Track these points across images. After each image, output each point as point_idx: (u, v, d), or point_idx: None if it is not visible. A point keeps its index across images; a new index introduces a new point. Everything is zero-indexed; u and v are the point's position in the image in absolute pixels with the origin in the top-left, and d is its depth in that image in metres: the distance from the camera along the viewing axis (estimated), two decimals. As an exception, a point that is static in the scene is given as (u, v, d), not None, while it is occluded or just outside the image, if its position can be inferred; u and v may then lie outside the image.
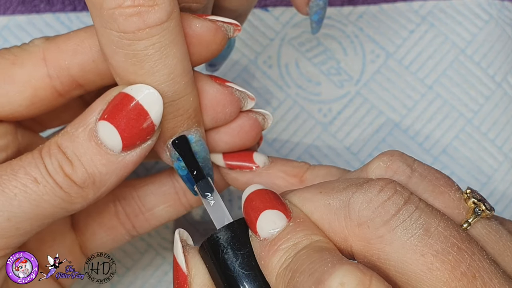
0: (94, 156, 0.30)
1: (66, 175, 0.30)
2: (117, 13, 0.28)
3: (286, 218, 0.29)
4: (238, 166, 0.35)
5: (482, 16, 0.47)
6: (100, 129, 0.29)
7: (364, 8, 0.48)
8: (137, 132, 0.29)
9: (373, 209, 0.28)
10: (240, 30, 0.32)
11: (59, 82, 0.32)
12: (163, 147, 0.32)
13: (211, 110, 0.32)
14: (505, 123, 0.46)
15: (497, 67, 0.47)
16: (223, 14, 0.36)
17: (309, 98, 0.46)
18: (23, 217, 0.30)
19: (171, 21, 0.28)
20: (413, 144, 0.45)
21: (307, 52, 0.47)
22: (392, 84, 0.46)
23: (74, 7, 0.46)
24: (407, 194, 0.28)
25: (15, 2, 0.46)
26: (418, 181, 0.30)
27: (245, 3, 0.36)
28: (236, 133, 0.34)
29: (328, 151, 0.45)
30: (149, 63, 0.29)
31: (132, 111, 0.29)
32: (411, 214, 0.27)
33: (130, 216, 0.37)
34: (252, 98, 0.34)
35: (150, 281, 0.43)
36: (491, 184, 0.45)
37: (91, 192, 0.30)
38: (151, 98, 0.29)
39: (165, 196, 0.37)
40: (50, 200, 0.30)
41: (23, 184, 0.29)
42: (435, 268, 0.26)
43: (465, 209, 0.30)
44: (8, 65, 0.32)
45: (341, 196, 0.29)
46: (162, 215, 0.37)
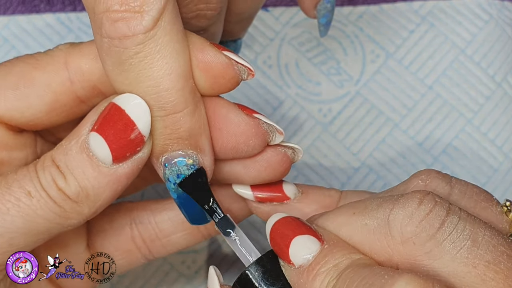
0: (86, 169, 0.29)
1: (59, 188, 0.29)
2: (104, 18, 0.27)
3: (319, 241, 0.28)
4: (268, 199, 0.33)
5: (482, 16, 0.47)
6: (91, 140, 0.29)
7: (364, 8, 0.48)
8: (125, 143, 0.28)
9: (416, 224, 0.26)
10: (254, 75, 0.31)
11: (80, 87, 0.32)
12: (157, 163, 0.30)
13: (233, 140, 0.31)
14: (505, 123, 0.46)
15: (497, 67, 0.46)
16: (231, 17, 0.35)
17: (309, 98, 0.46)
18: (17, 232, 0.29)
19: (157, 29, 0.27)
20: (413, 144, 0.45)
21: (307, 52, 0.47)
22: (392, 84, 0.46)
23: (74, 7, 0.46)
24: (447, 204, 0.27)
25: (15, 2, 0.46)
26: (458, 198, 0.29)
27: (252, 6, 0.36)
28: (263, 169, 0.32)
29: (328, 151, 0.45)
30: (133, 73, 0.28)
31: (119, 121, 0.28)
32: (456, 226, 0.26)
33: (147, 241, 0.36)
34: (280, 132, 0.32)
35: (151, 281, 0.43)
36: (491, 184, 0.45)
37: (86, 207, 0.30)
38: (138, 108, 0.28)
39: (183, 223, 0.35)
40: (44, 215, 0.29)
41: (16, 198, 0.29)
42: (489, 279, 0.26)
43: (507, 222, 0.29)
44: (30, 69, 0.32)
45: (377, 214, 0.27)
46: (179, 242, 0.36)
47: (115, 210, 0.36)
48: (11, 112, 0.32)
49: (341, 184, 0.45)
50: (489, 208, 0.29)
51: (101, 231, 0.36)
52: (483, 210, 0.29)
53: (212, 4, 0.31)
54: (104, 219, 0.36)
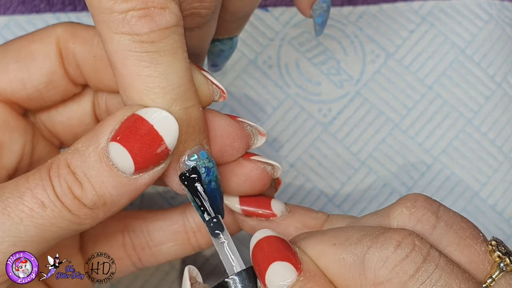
0: (105, 178, 0.28)
1: (75, 197, 0.29)
2: (129, 16, 0.28)
3: (296, 271, 0.28)
4: (254, 213, 0.34)
5: (482, 16, 0.47)
6: (112, 150, 0.28)
7: (364, 8, 0.48)
8: (150, 157, 0.28)
9: (390, 268, 0.26)
10: (225, 98, 0.32)
11: (70, 67, 0.33)
12: (175, 166, 0.30)
13: (220, 142, 0.31)
14: (505, 123, 0.46)
15: (497, 67, 0.46)
16: (226, 15, 0.36)
17: (309, 98, 0.46)
18: (30, 241, 0.29)
19: (180, 27, 0.29)
20: (413, 144, 0.45)
21: (307, 52, 0.47)
22: (392, 84, 0.46)
23: (74, 7, 0.46)
24: (426, 249, 0.27)
25: (15, 2, 0.46)
26: (443, 232, 0.29)
27: (248, 4, 0.36)
28: (241, 182, 0.33)
29: (328, 151, 0.45)
30: (163, 65, 0.28)
31: (146, 136, 0.28)
32: (430, 275, 0.26)
33: (137, 249, 0.36)
34: (262, 134, 0.33)
35: (150, 281, 0.43)
36: (491, 184, 0.45)
37: (101, 213, 0.29)
38: (166, 122, 0.28)
39: (174, 234, 0.36)
40: (58, 224, 0.29)
41: (30, 208, 0.28)
42: None
43: (489, 263, 0.28)
44: (28, 43, 0.33)
45: (355, 250, 0.27)
46: (169, 252, 0.36)
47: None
48: (14, 85, 0.33)
49: (341, 184, 0.45)
50: (473, 247, 0.28)
51: (94, 236, 0.36)
52: (466, 248, 0.28)
53: (206, 3, 0.31)
54: (98, 224, 0.36)
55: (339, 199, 0.45)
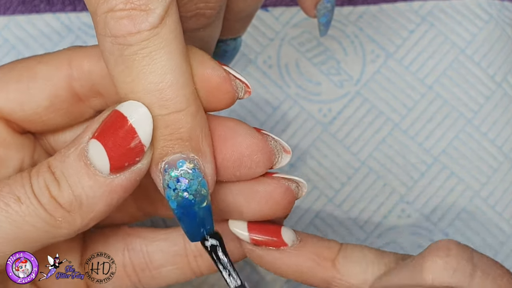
0: (81, 177, 0.28)
1: (51, 196, 0.28)
2: (109, 17, 0.27)
3: None
4: (264, 243, 0.32)
5: (482, 16, 0.47)
6: (91, 148, 0.28)
7: (364, 8, 0.48)
8: (124, 152, 0.28)
9: None
10: (250, 93, 0.30)
11: (80, 84, 0.32)
12: (156, 171, 0.29)
13: (237, 151, 0.30)
14: (505, 123, 0.46)
15: (497, 67, 0.46)
16: (230, 15, 0.35)
17: (309, 98, 0.46)
18: (4, 238, 0.28)
19: (163, 27, 0.27)
20: (413, 144, 0.45)
21: (307, 52, 0.47)
22: (392, 84, 0.46)
23: (74, 7, 0.46)
24: None
25: (15, 2, 0.46)
26: (480, 281, 0.27)
27: (252, 4, 0.36)
28: (264, 201, 0.30)
29: (328, 151, 0.45)
30: (136, 69, 0.27)
31: (120, 128, 0.28)
32: None
33: (137, 269, 0.35)
34: (287, 151, 0.31)
35: None
36: (491, 184, 0.45)
37: (79, 218, 0.29)
38: (140, 115, 0.27)
39: (174, 257, 0.35)
40: (33, 222, 0.28)
41: (5, 203, 0.28)
42: None
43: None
44: (34, 64, 0.32)
45: None
46: (169, 276, 0.35)
47: (112, 232, 0.36)
48: (12, 104, 0.32)
49: (341, 184, 0.45)
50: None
51: (95, 252, 0.35)
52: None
53: (211, 3, 0.31)
54: (100, 240, 0.36)
55: (339, 199, 0.45)
